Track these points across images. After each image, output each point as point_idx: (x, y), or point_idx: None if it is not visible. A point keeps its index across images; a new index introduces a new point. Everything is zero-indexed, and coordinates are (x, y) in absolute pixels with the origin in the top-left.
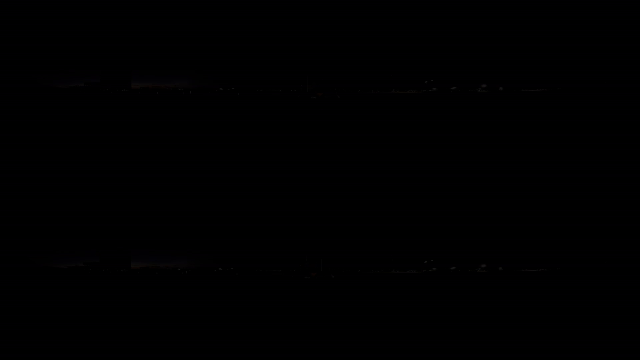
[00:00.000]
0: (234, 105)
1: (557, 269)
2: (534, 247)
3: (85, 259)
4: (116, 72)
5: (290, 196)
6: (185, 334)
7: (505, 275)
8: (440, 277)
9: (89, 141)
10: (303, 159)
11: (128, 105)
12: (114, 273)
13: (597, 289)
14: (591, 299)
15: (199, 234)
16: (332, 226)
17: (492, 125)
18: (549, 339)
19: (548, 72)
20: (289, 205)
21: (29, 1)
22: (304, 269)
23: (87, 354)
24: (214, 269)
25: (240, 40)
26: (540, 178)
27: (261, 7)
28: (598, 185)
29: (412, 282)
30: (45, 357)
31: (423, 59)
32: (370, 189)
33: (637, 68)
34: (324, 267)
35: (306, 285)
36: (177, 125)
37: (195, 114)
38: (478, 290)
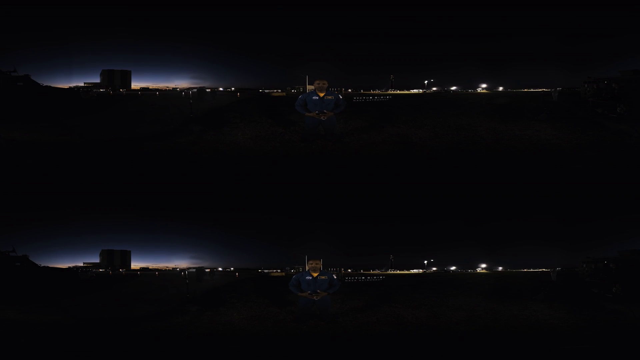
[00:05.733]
0: (235, 105)
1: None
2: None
3: (85, 259)
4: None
5: (294, 197)
6: (184, 333)
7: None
8: (440, 277)
9: (88, 141)
10: (305, 159)
11: (128, 105)
12: (114, 273)
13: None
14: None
15: (199, 234)
16: (333, 226)
17: (492, 127)
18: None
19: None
20: (292, 206)
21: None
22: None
23: (87, 352)
24: (214, 269)
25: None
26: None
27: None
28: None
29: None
30: (46, 356)
31: (423, 60)
32: (370, 189)
33: None
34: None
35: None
36: (177, 125)
37: (195, 113)
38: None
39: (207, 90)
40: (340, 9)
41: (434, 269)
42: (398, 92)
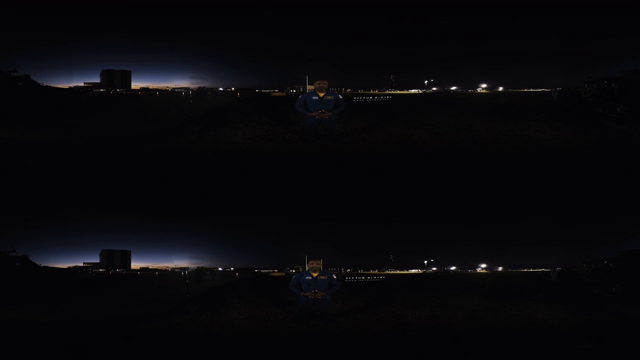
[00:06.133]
0: (235, 105)
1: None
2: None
3: (85, 259)
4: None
5: (294, 197)
6: (184, 333)
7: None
8: (440, 277)
9: (88, 141)
10: (305, 159)
11: (128, 105)
12: (114, 273)
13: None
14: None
15: (199, 234)
16: (333, 226)
17: (491, 127)
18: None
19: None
20: (292, 206)
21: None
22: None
23: (87, 353)
24: (214, 269)
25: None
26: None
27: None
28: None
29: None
30: (46, 356)
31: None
32: (370, 189)
33: None
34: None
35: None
36: (177, 125)
37: (194, 113)
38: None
39: (208, 92)
40: (340, 9)
41: (434, 269)
42: (398, 92)
